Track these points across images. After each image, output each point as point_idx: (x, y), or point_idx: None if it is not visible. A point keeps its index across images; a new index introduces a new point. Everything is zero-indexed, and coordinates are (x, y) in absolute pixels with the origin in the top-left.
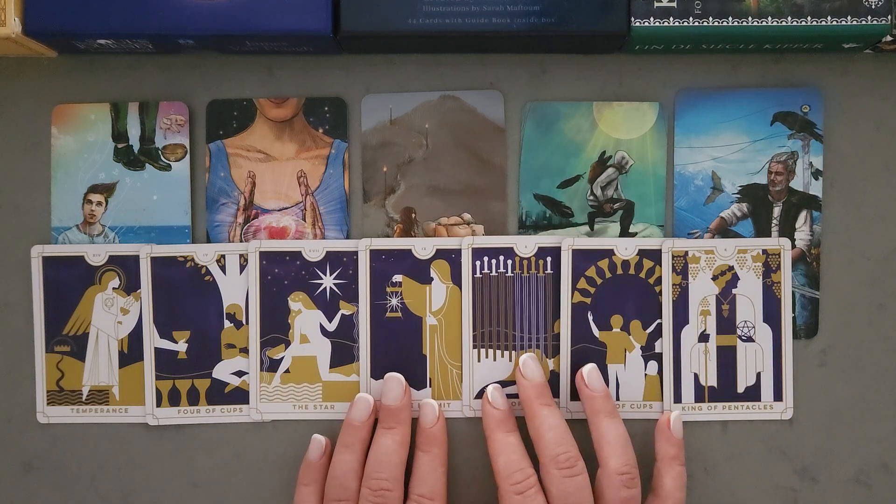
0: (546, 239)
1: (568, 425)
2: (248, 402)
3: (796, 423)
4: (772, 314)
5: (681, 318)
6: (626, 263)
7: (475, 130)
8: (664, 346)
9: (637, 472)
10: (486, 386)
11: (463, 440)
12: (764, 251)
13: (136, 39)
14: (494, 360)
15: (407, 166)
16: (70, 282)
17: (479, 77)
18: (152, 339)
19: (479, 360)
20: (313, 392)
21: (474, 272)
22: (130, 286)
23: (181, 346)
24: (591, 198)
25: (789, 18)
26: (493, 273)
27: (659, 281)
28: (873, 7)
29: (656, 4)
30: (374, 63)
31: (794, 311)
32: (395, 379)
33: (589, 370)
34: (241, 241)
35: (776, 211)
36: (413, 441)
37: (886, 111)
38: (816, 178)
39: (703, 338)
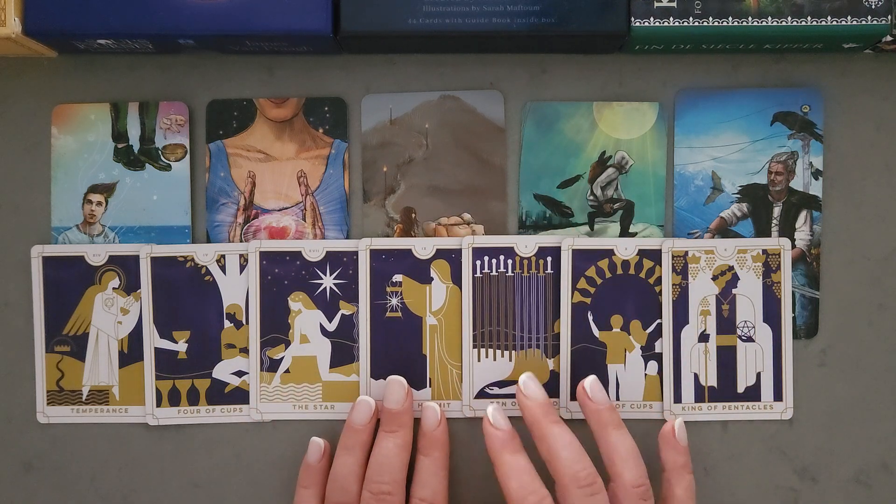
0: (546, 239)
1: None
2: (248, 402)
3: (796, 423)
4: (772, 314)
5: (681, 318)
6: (626, 263)
7: (475, 130)
8: (664, 346)
9: (649, 482)
10: (486, 408)
11: (462, 440)
12: (764, 251)
13: (136, 39)
14: (494, 359)
15: (407, 166)
16: (70, 282)
17: (479, 77)
18: (152, 339)
19: (479, 360)
20: (313, 392)
21: (474, 272)
22: (130, 286)
23: (181, 346)
24: (591, 198)
25: (789, 18)
26: (494, 273)
27: (659, 281)
28: (873, 7)
29: (656, 4)
30: (374, 63)
31: (794, 311)
32: (398, 382)
33: (591, 383)
34: (241, 241)
35: (776, 211)
36: (414, 444)
37: (886, 111)
38: (816, 178)
39: (703, 338)
